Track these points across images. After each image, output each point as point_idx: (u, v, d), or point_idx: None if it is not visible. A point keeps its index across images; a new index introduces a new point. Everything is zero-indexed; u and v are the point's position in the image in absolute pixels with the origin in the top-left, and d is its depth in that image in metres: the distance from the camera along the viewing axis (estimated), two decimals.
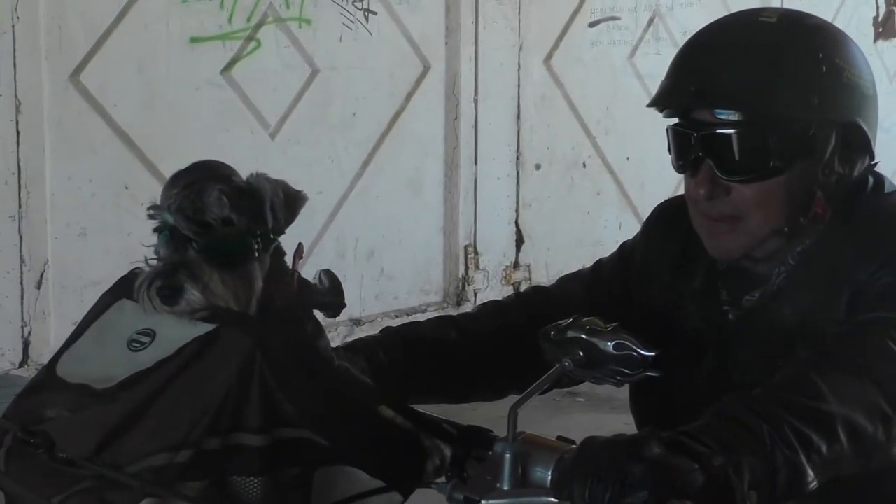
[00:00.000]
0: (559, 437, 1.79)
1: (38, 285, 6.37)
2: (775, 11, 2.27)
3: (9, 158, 6.28)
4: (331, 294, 1.94)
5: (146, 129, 6.73)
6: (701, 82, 2.13)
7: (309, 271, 2.03)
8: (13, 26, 6.24)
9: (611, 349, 1.81)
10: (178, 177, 1.92)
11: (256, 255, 1.89)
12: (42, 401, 1.88)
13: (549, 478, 1.74)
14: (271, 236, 1.91)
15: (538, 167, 8.81)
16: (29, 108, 6.33)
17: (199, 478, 1.70)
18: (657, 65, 9.11)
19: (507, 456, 1.75)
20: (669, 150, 2.17)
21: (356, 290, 4.35)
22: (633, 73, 9.30)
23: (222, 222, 1.87)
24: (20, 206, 6.32)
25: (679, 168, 2.15)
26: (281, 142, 7.36)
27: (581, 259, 2.38)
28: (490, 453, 1.82)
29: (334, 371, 1.85)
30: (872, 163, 2.17)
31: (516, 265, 8.65)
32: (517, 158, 8.74)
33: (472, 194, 8.49)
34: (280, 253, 1.93)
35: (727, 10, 2.28)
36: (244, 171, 1.94)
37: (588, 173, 9.12)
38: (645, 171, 9.01)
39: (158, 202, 1.92)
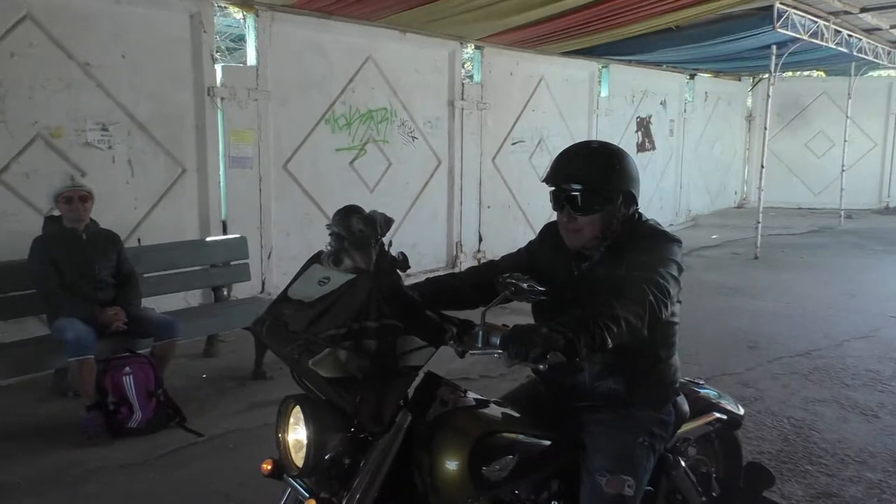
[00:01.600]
0: (503, 325, 1.79)
1: (268, 258, 6.38)
2: (597, 141, 2.25)
3: (260, 203, 6.31)
4: (404, 263, 1.99)
5: (316, 190, 6.73)
6: (563, 172, 2.12)
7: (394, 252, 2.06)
8: (258, 141, 6.23)
9: (525, 287, 1.83)
10: (339, 211, 1.97)
11: (373, 245, 1.95)
12: (281, 306, 1.90)
13: (499, 342, 1.75)
14: (379, 237, 1.97)
15: (489, 207, 8.67)
16: (266, 181, 6.36)
17: (350, 340, 1.70)
18: (542, 162, 9.19)
19: (480, 332, 1.78)
20: (551, 200, 2.15)
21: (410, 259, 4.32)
22: (531, 166, 9.03)
23: (358, 231, 1.93)
24: (260, 224, 6.32)
25: (554, 208, 2.15)
26: (375, 195, 7.26)
27: (507, 249, 2.33)
28: (472, 331, 1.82)
29: (405, 295, 1.85)
30: (636, 207, 2.14)
31: (479, 251, 8.57)
32: (479, 203, 8.57)
33: (459, 219, 8.32)
34: (383, 244, 1.99)
35: (573, 141, 2.28)
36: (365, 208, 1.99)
37: (510, 210, 8.96)
38: (535, 209, 8.92)
39: (331, 221, 1.98)
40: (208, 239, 5.75)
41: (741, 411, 2.67)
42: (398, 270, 1.93)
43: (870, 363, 5.20)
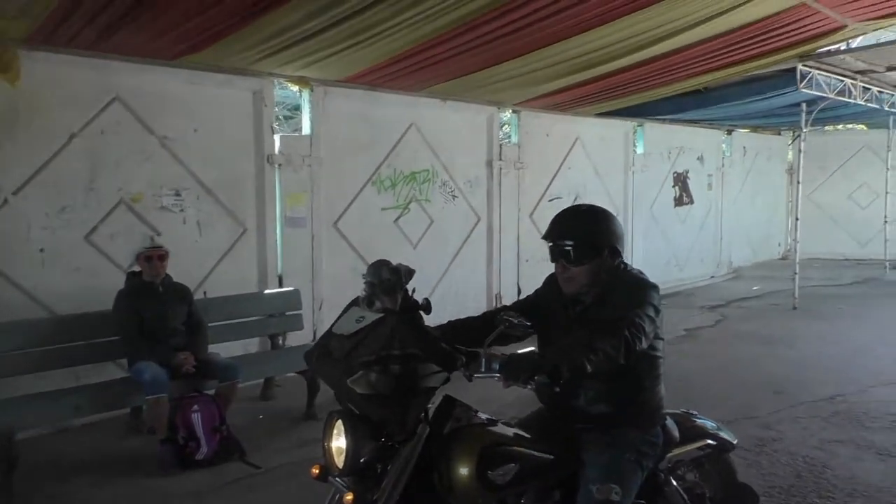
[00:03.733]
0: (501, 353, 2.06)
1: (320, 308, 6.82)
2: (587, 205, 2.59)
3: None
4: (427, 306, 2.20)
5: (364, 247, 7.13)
6: (558, 230, 2.45)
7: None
8: (311, 202, 6.77)
9: (516, 322, 2.18)
10: (372, 263, 2.32)
11: (398, 290, 2.28)
12: (326, 341, 2.18)
13: (497, 367, 2.05)
14: (404, 284, 2.30)
15: (527, 260, 8.95)
16: (318, 239, 6.87)
17: (379, 365, 1.98)
18: None
19: (483, 359, 2.11)
20: (549, 254, 2.47)
21: (451, 309, 4.49)
22: None
23: (386, 279, 2.29)
24: (313, 278, 6.81)
25: (551, 260, 2.47)
26: (418, 251, 7.69)
27: None
28: (477, 359, 2.12)
29: (424, 330, 2.11)
30: (621, 259, 2.44)
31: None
32: (518, 256, 8.93)
33: (499, 272, 8.70)
34: (406, 290, 2.30)
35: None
36: (405, 262, 2.27)
37: (547, 263, 9.19)
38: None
39: (366, 272, 2.34)
40: (266, 291, 6.22)
41: (734, 440, 2.96)
42: (421, 312, 2.25)
43: (891, 407, 5.32)
